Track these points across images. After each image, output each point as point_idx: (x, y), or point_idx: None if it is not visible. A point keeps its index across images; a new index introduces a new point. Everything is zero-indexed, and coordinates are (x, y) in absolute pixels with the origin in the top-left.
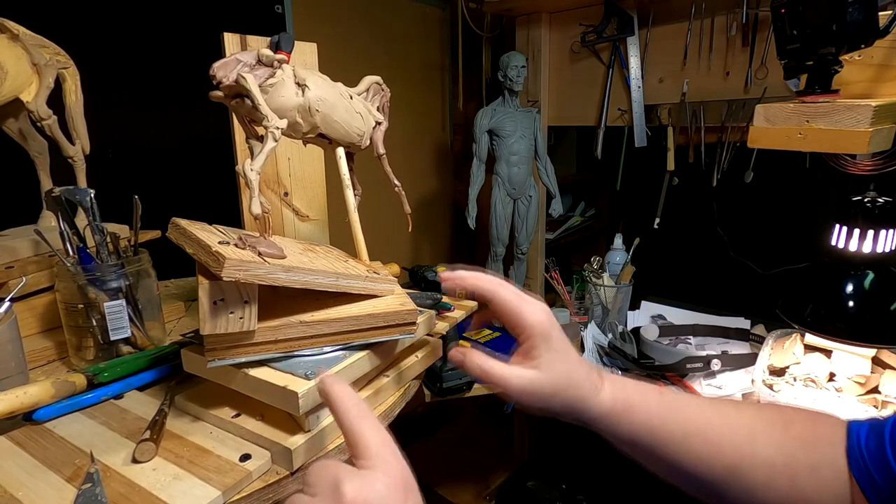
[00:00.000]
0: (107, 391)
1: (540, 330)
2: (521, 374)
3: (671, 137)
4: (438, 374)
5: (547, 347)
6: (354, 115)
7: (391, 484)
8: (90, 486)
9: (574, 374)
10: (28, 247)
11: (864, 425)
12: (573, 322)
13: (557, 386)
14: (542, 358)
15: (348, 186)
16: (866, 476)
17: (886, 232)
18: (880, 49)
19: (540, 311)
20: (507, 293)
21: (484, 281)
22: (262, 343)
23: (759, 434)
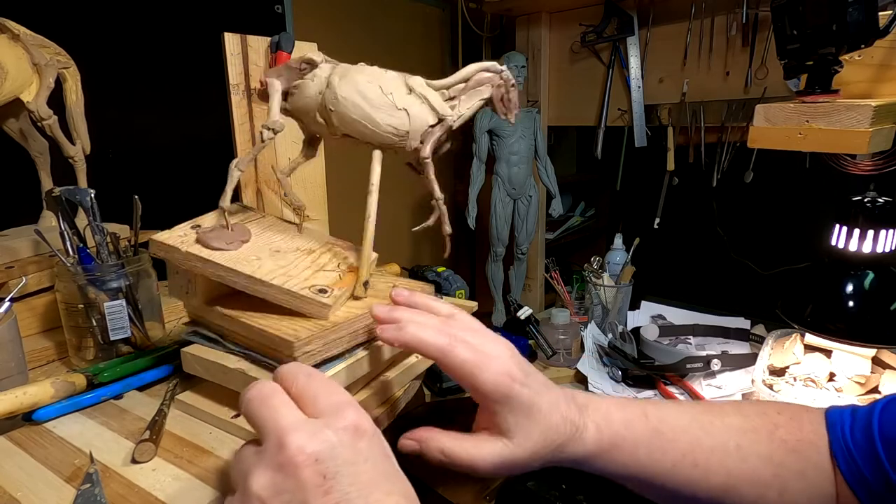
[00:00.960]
0: (106, 391)
1: (497, 394)
2: (491, 450)
3: (671, 137)
4: (438, 374)
5: (511, 410)
6: (394, 113)
7: (343, 427)
8: (89, 486)
9: (550, 430)
10: (28, 247)
11: (846, 415)
12: (573, 322)
13: (533, 449)
14: (507, 423)
15: (371, 193)
16: (855, 472)
17: (886, 232)
18: (880, 49)
19: (496, 370)
20: (458, 354)
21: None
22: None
23: (746, 448)
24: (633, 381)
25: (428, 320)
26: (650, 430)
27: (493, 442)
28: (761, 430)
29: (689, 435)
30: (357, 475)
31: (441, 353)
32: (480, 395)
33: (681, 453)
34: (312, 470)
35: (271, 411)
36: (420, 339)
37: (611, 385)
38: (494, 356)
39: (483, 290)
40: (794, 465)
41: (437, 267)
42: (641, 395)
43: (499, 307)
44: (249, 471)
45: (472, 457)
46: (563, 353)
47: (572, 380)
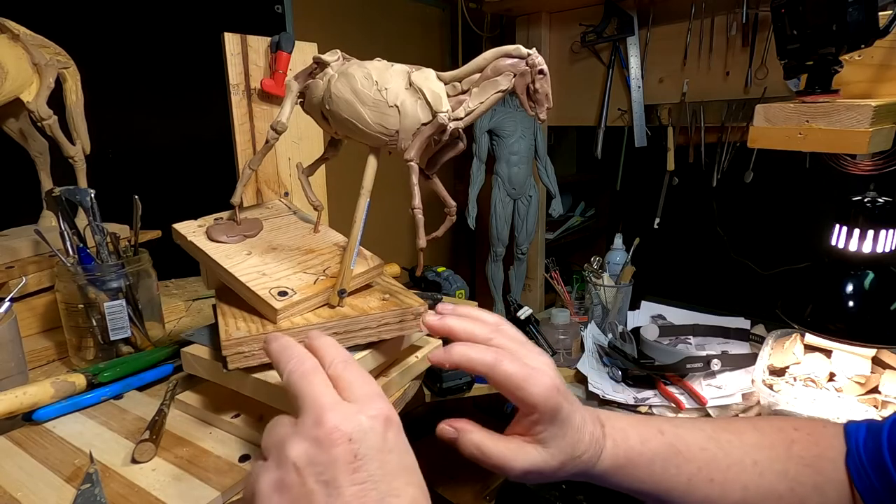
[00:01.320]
0: (106, 391)
1: (547, 406)
2: (525, 456)
3: (671, 137)
4: (438, 374)
5: (552, 421)
6: (385, 110)
7: (374, 416)
8: (89, 486)
9: (578, 443)
10: (28, 247)
11: (863, 427)
12: (573, 322)
13: (563, 460)
14: (546, 434)
15: (361, 196)
16: (865, 479)
17: (886, 232)
18: (880, 49)
19: (546, 384)
20: (507, 368)
21: (477, 353)
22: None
23: (763, 464)
24: (633, 381)
25: (476, 329)
26: (666, 445)
27: (528, 448)
28: (778, 447)
29: (706, 452)
30: (384, 462)
31: (488, 369)
32: (529, 406)
33: (696, 468)
34: (345, 448)
35: (312, 387)
36: (468, 357)
37: (611, 385)
38: (540, 369)
39: (483, 290)
40: (811, 480)
41: (438, 267)
42: (641, 395)
43: (499, 307)
44: (286, 440)
45: (506, 459)
46: (563, 353)
47: (572, 380)
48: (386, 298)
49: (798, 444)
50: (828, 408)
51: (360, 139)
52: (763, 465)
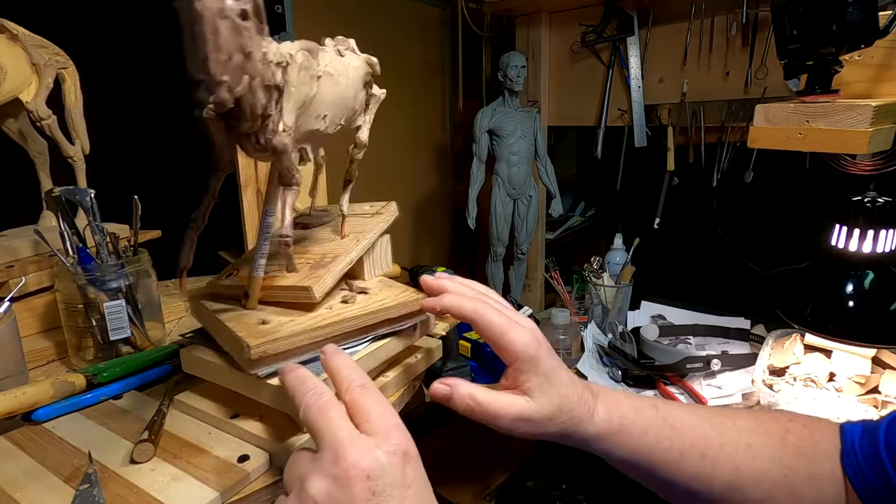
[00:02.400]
0: (106, 391)
1: (527, 355)
2: (514, 404)
3: (671, 137)
4: (438, 374)
5: (536, 372)
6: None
7: (392, 451)
8: (88, 486)
9: (567, 397)
10: (28, 247)
11: (858, 427)
12: (573, 322)
13: (551, 412)
14: (531, 383)
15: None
16: (862, 479)
17: (886, 232)
18: (880, 49)
19: (527, 334)
20: (491, 315)
21: (466, 300)
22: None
23: (756, 447)
24: (633, 381)
25: (466, 291)
26: (660, 419)
27: (517, 398)
28: (773, 434)
29: (699, 430)
30: (402, 498)
31: (476, 314)
32: (511, 353)
33: (689, 443)
34: (363, 486)
35: (329, 423)
36: (458, 303)
37: (611, 385)
38: (523, 323)
39: None
40: (805, 469)
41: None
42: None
43: None
44: (307, 476)
45: (497, 407)
46: (563, 353)
47: None
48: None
49: (793, 434)
50: (828, 408)
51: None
52: (757, 449)
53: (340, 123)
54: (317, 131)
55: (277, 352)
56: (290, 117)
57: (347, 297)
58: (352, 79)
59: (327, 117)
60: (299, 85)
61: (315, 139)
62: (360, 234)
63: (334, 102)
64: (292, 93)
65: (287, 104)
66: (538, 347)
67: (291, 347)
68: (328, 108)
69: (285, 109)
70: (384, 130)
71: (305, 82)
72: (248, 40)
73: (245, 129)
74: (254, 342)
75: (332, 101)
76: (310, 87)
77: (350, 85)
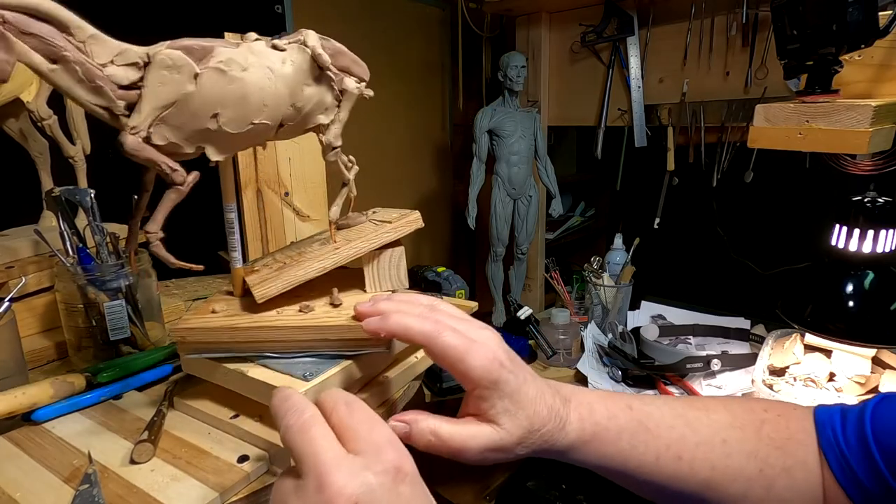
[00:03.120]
0: (105, 391)
1: (487, 380)
2: (480, 435)
3: (671, 137)
4: (438, 374)
5: (499, 396)
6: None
7: (382, 471)
8: (87, 486)
9: (536, 416)
10: (28, 247)
11: (836, 415)
12: (573, 322)
13: (520, 436)
14: (495, 409)
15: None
16: (848, 474)
17: (886, 232)
18: (880, 49)
19: (484, 356)
20: (445, 339)
21: (414, 321)
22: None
23: (732, 444)
24: (633, 381)
25: (412, 309)
26: (634, 422)
27: (481, 427)
28: (748, 427)
29: (674, 431)
30: None
31: (427, 339)
32: (469, 380)
33: (665, 446)
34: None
35: (311, 444)
36: (405, 325)
37: (611, 385)
38: (481, 342)
39: (483, 290)
40: (780, 462)
41: (438, 267)
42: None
43: (499, 307)
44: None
45: (462, 440)
46: (563, 353)
47: (572, 380)
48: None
49: (768, 425)
50: None
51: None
52: (732, 445)
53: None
54: (210, 131)
55: (195, 340)
56: (135, 117)
57: (305, 306)
58: (282, 74)
59: (220, 116)
60: (156, 85)
61: (216, 139)
62: (347, 242)
63: (235, 100)
64: (145, 93)
65: (138, 104)
66: (500, 369)
67: (211, 340)
68: (221, 106)
69: (135, 110)
70: (384, 130)
71: (170, 81)
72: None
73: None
74: (173, 324)
75: (231, 98)
76: (179, 86)
77: (279, 80)
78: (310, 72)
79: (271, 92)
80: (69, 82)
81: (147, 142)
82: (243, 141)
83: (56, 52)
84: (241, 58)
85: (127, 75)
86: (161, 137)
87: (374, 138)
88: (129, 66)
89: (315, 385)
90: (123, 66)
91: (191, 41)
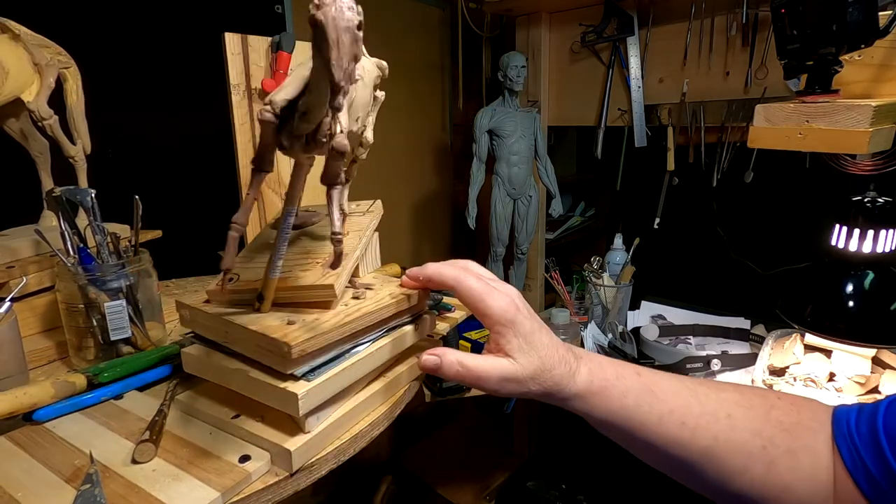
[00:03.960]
0: (107, 391)
1: (504, 318)
2: (496, 364)
3: (671, 137)
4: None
5: (514, 334)
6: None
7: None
8: (89, 486)
9: (547, 358)
10: (29, 247)
11: (853, 411)
12: (573, 322)
13: (533, 371)
14: (511, 345)
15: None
16: (858, 462)
17: (886, 232)
18: (880, 49)
19: (504, 299)
20: (470, 282)
21: (446, 268)
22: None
23: (737, 419)
24: None
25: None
26: (641, 384)
27: (500, 359)
28: (757, 408)
29: (680, 398)
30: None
31: (456, 281)
32: (490, 318)
33: (668, 409)
34: None
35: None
36: (438, 271)
37: None
38: (502, 290)
39: None
40: (786, 444)
41: None
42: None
43: None
44: None
45: (483, 369)
46: None
47: None
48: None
49: (778, 410)
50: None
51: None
52: (737, 421)
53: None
54: (352, 133)
55: (315, 349)
56: (346, 119)
57: (357, 293)
58: (367, 82)
59: (359, 119)
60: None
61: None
62: (361, 231)
63: (362, 105)
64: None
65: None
66: (516, 311)
67: (326, 344)
68: (359, 110)
69: (340, 112)
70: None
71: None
72: (361, 48)
73: (302, 132)
74: (295, 341)
75: (361, 104)
76: (352, 91)
77: (366, 87)
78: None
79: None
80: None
81: None
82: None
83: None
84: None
85: None
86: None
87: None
88: None
89: (316, 384)
90: None
91: None
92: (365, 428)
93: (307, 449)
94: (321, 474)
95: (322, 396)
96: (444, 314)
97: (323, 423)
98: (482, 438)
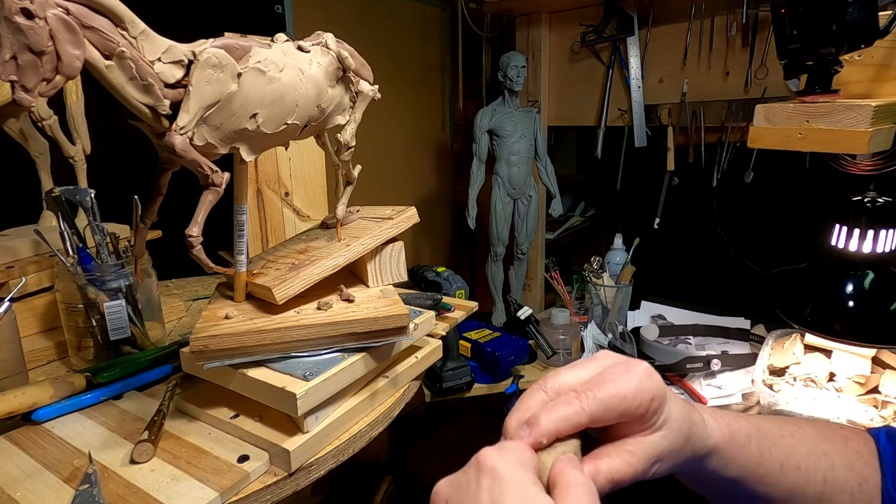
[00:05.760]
0: (106, 391)
1: (644, 398)
2: (647, 444)
3: (671, 137)
4: (438, 374)
5: (657, 409)
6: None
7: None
8: (88, 486)
9: (685, 419)
10: (28, 247)
11: (882, 433)
12: (573, 322)
13: (676, 438)
14: (655, 417)
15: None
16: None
17: (886, 232)
18: (880, 49)
19: (631, 379)
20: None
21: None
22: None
23: (832, 456)
24: None
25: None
26: (754, 427)
27: (644, 437)
28: (837, 441)
29: (785, 440)
30: None
31: (586, 416)
32: (631, 407)
33: (784, 454)
34: None
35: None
36: (564, 416)
37: None
38: (621, 376)
39: (483, 290)
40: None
41: (437, 267)
42: None
43: (499, 307)
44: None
45: (634, 468)
46: (563, 353)
47: None
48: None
49: (852, 442)
50: (828, 408)
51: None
52: (833, 457)
53: (290, 123)
54: (247, 130)
55: (218, 347)
56: (184, 117)
57: (323, 303)
58: (311, 75)
59: (259, 116)
60: (203, 84)
61: (250, 139)
62: (355, 239)
63: (273, 101)
64: (191, 92)
65: (185, 103)
66: (647, 380)
67: (237, 345)
68: (260, 106)
69: (182, 109)
70: (384, 130)
71: (215, 81)
72: (37, 38)
73: (152, 130)
74: (196, 335)
75: (269, 99)
76: (223, 86)
77: (308, 81)
78: (333, 74)
79: (303, 93)
80: (121, 79)
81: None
82: (274, 141)
83: (112, 47)
84: (277, 58)
85: (173, 73)
86: (201, 138)
87: (374, 138)
88: (174, 63)
89: (315, 384)
90: (170, 63)
91: (229, 40)
92: (364, 428)
93: (306, 449)
94: (320, 474)
95: (321, 396)
96: (444, 314)
97: (322, 423)
98: (482, 438)
